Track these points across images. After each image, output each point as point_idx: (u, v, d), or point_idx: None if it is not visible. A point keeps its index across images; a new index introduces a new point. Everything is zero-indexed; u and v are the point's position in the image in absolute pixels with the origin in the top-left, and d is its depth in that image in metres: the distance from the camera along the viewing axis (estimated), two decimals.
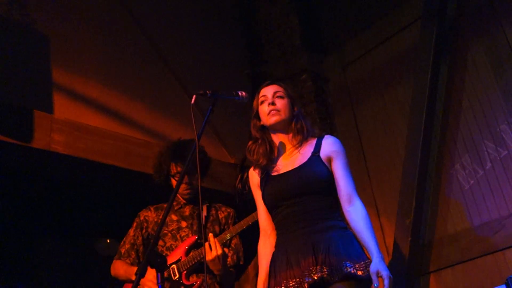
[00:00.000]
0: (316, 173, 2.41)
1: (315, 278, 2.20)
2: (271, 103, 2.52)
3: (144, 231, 3.12)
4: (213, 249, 2.77)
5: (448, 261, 3.90)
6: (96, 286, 4.97)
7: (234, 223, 3.12)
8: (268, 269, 2.43)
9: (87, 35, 4.02)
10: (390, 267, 4.04)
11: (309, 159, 2.46)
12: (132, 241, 3.11)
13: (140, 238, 3.11)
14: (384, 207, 4.42)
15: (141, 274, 1.98)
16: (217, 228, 3.09)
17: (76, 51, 3.91)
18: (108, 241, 5.12)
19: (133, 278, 2.77)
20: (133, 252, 3.07)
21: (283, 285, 2.27)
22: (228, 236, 2.91)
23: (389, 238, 4.25)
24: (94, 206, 4.47)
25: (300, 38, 5.10)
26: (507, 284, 2.64)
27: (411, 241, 3.95)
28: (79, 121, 3.71)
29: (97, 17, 4.15)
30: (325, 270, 2.20)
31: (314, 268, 2.22)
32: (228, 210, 3.21)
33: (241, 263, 3.07)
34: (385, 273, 2.17)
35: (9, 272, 4.64)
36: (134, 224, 3.17)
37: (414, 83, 4.28)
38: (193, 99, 2.31)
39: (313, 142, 2.54)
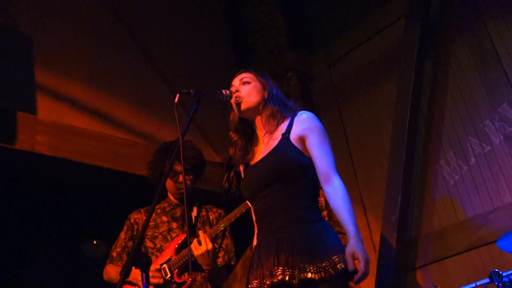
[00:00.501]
0: (282, 159, 2.21)
1: (274, 280, 2.05)
2: (235, 91, 2.39)
3: (135, 233, 3.09)
4: (202, 244, 2.75)
5: (434, 256, 3.93)
6: (84, 285, 4.94)
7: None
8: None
9: (71, 35, 4.00)
10: (377, 263, 4.08)
11: (278, 143, 2.27)
12: (123, 244, 3.09)
13: (131, 241, 3.09)
14: (371, 204, 4.44)
15: (125, 274, 1.96)
16: (208, 228, 3.06)
17: (60, 51, 3.88)
18: (95, 242, 5.09)
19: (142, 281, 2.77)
20: (124, 255, 3.05)
21: (249, 286, 2.17)
22: (217, 230, 2.89)
23: (376, 234, 4.26)
24: (80, 207, 4.43)
25: (286, 37, 5.10)
26: (490, 278, 2.65)
27: (397, 238, 3.97)
28: (63, 122, 3.68)
29: (81, 17, 4.12)
30: (286, 273, 2.04)
31: (276, 269, 2.06)
32: (219, 211, 3.19)
33: (233, 263, 3.05)
34: (361, 254, 1.98)
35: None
36: (125, 227, 3.15)
37: (399, 80, 4.31)
38: (176, 98, 2.29)
39: (286, 122, 2.34)
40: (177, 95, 2.29)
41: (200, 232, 2.81)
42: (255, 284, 2.14)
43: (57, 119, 3.64)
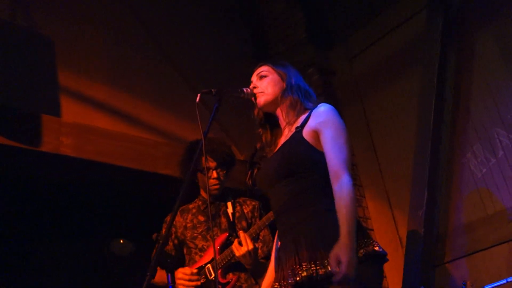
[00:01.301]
0: (290, 154, 2.14)
1: (297, 279, 1.97)
2: (253, 87, 2.34)
3: (173, 236, 3.08)
4: (243, 245, 2.73)
5: (463, 251, 3.84)
6: (112, 286, 4.97)
7: (260, 215, 3.07)
8: (272, 269, 2.31)
9: (92, 36, 4.01)
10: (404, 258, 4.02)
11: (290, 137, 2.21)
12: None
13: (171, 244, 3.07)
14: (397, 200, 4.37)
15: (151, 275, 1.98)
16: (244, 223, 3.04)
17: (82, 53, 3.90)
18: (121, 241, 5.12)
19: (168, 281, 2.78)
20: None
21: (274, 286, 2.11)
22: (257, 230, 2.85)
23: (402, 230, 4.20)
24: (105, 207, 4.45)
25: (305, 32, 5.04)
26: None
27: (424, 232, 3.89)
28: (87, 123, 3.69)
29: (101, 18, 4.13)
30: (310, 268, 1.95)
31: (298, 267, 1.99)
32: (253, 203, 3.16)
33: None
34: (345, 257, 1.84)
35: (24, 276, 4.65)
36: (163, 231, 3.14)
37: (422, 73, 4.22)
38: (198, 98, 2.27)
39: (305, 115, 2.25)
40: (198, 95, 2.27)
41: (241, 233, 2.79)
42: (276, 286, 2.09)
43: (81, 121, 3.65)
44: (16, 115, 3.32)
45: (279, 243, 2.22)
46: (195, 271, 2.87)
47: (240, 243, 2.74)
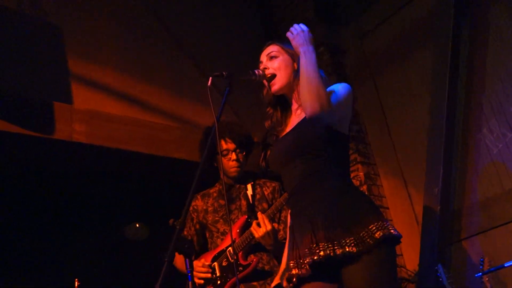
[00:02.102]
0: (305, 133, 2.11)
1: (315, 258, 1.94)
2: (263, 68, 2.27)
3: (195, 221, 3.07)
4: (262, 226, 2.71)
5: (480, 227, 3.79)
6: (129, 271, 5.00)
7: (281, 196, 3.01)
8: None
9: (100, 23, 3.96)
10: (421, 236, 3.98)
11: (304, 117, 2.14)
12: (185, 233, 3.06)
13: (193, 229, 3.06)
14: (411, 177, 4.32)
15: (169, 260, 1.95)
16: (265, 205, 3.01)
17: (91, 39, 3.86)
18: (137, 225, 5.13)
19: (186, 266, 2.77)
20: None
21: (289, 265, 2.09)
22: (275, 210, 2.83)
23: (418, 207, 4.15)
24: (119, 192, 4.45)
25: (315, 10, 4.94)
26: None
27: (440, 210, 3.84)
28: (99, 109, 3.67)
29: (110, 5, 4.07)
30: (327, 248, 1.93)
31: (314, 246, 1.96)
32: (273, 185, 3.12)
33: None
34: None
35: (42, 264, 4.70)
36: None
37: (435, 49, 4.12)
38: (209, 81, 2.22)
39: None
40: (210, 78, 2.22)
41: (259, 214, 2.76)
42: (292, 264, 2.06)
43: (93, 107, 3.63)
44: (28, 105, 3.31)
45: (292, 222, 2.19)
46: (206, 263, 2.86)
47: (258, 225, 2.72)
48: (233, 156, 2.99)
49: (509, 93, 3.77)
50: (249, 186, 3.07)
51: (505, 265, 2.95)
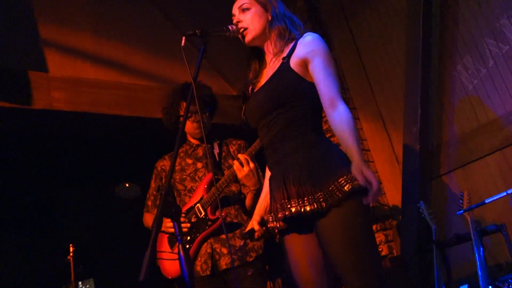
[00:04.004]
0: (279, 84, 2.03)
1: (286, 213, 1.93)
2: (237, 22, 2.15)
3: (164, 180, 3.03)
4: (244, 165, 2.64)
5: (458, 162, 3.79)
6: (119, 228, 4.99)
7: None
8: (266, 196, 2.24)
9: None
10: (402, 174, 3.98)
11: (278, 68, 2.07)
12: (154, 192, 3.05)
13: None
14: (390, 117, 4.28)
15: (157, 226, 1.88)
16: (231, 162, 2.98)
17: (61, 3, 3.63)
18: (127, 185, 5.07)
19: (161, 228, 2.74)
20: (158, 203, 3.00)
21: (267, 218, 2.07)
22: (251, 153, 2.72)
23: (398, 147, 4.13)
24: (104, 156, 4.36)
25: None
26: None
27: (420, 148, 3.83)
28: (77, 75, 3.51)
29: None
30: (297, 204, 1.91)
31: (286, 202, 1.95)
32: (239, 142, 3.09)
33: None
34: (369, 172, 1.82)
35: (36, 232, 4.66)
36: (153, 176, 3.09)
37: None
38: (183, 41, 2.08)
39: (291, 45, 2.10)
40: (183, 37, 2.09)
41: (240, 155, 2.69)
42: (270, 218, 2.04)
43: (71, 74, 3.47)
44: (3, 76, 3.13)
45: (270, 172, 2.14)
46: (182, 218, 2.80)
47: (241, 164, 2.65)
48: (197, 117, 2.91)
49: (482, 28, 3.68)
50: (215, 145, 3.04)
51: (486, 201, 2.95)
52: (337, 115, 1.94)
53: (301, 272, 2.05)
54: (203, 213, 2.84)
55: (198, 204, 2.85)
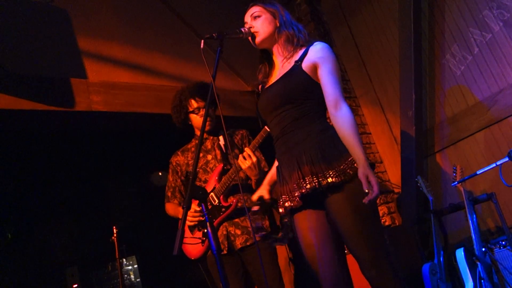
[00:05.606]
0: (292, 82, 2.05)
1: (303, 191, 1.94)
2: (249, 28, 2.18)
3: (179, 174, 3.03)
4: (247, 158, 2.66)
5: (450, 140, 3.75)
6: (155, 211, 5.04)
7: (249, 141, 3.00)
8: (271, 179, 2.29)
9: (104, 4, 3.75)
10: (401, 153, 3.94)
11: (291, 69, 2.09)
12: (173, 185, 3.05)
13: (179, 180, 3.03)
14: (388, 104, 4.24)
15: (187, 207, 1.90)
16: (237, 151, 2.96)
17: (95, 18, 3.66)
18: (160, 173, 5.11)
19: (203, 211, 2.74)
20: (177, 194, 3.03)
21: (279, 200, 2.08)
22: (254, 146, 2.72)
23: (396, 129, 4.10)
24: (140, 148, 4.39)
25: None
26: (509, 156, 2.47)
27: (415, 129, 3.79)
28: (112, 80, 3.53)
29: None
30: (313, 181, 1.92)
31: (301, 181, 1.95)
32: (241, 132, 3.07)
33: (266, 169, 2.96)
34: (374, 177, 1.83)
35: (83, 215, 4.72)
36: (170, 171, 3.09)
37: None
38: (202, 44, 2.09)
39: (302, 50, 2.13)
40: (202, 41, 2.10)
41: (246, 148, 2.70)
42: (284, 198, 2.05)
43: (106, 79, 3.49)
44: (48, 83, 3.17)
45: (279, 161, 2.15)
46: (197, 208, 2.79)
47: (244, 158, 2.67)
48: (203, 112, 2.89)
49: (467, 19, 3.61)
50: (221, 137, 3.01)
51: (477, 172, 2.92)
52: (341, 116, 1.98)
53: (311, 247, 2.04)
54: (216, 201, 2.83)
55: (212, 193, 2.84)
